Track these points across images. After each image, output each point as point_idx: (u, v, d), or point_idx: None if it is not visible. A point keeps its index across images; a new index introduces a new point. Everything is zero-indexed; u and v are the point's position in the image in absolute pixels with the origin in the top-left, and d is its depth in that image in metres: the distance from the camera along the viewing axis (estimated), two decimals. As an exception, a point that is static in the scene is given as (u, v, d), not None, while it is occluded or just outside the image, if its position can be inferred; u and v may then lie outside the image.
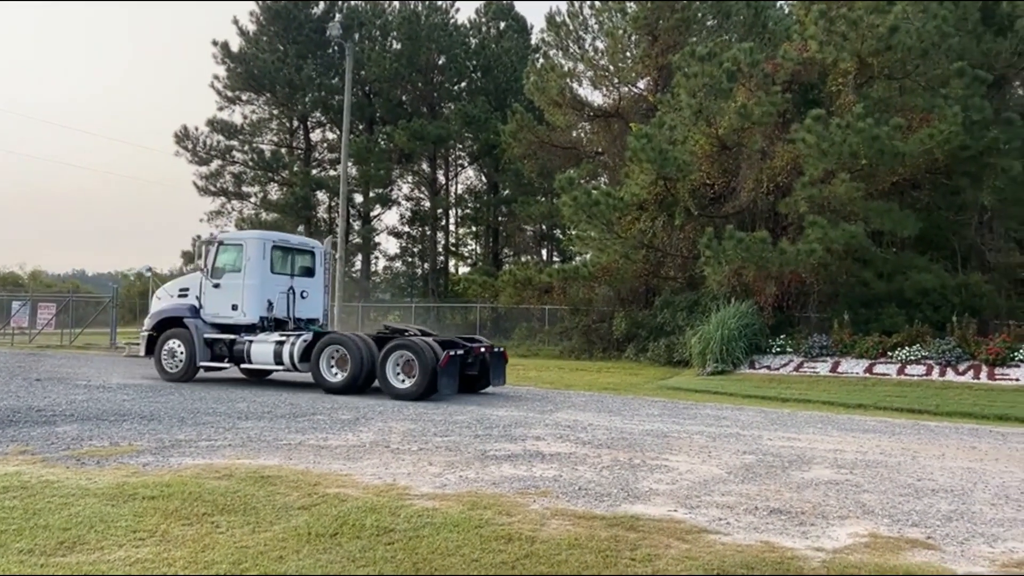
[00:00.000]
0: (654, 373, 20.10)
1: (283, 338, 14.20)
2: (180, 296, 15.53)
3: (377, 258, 46.51)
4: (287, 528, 5.11)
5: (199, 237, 17.44)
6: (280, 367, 14.12)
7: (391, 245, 53.73)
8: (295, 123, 42.55)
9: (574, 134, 32.74)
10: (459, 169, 47.02)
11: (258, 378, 16.22)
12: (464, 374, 13.72)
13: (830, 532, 5.38)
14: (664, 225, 24.35)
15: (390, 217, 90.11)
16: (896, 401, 14.81)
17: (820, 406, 14.43)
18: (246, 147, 40.39)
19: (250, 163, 40.15)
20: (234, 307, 14.81)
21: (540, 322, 30.25)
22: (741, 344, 19.43)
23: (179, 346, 14.84)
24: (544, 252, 48.11)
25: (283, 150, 42.13)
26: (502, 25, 46.43)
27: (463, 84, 42.92)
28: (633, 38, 28.70)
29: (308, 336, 14.04)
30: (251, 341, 14.38)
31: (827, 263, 20.26)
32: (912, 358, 18.26)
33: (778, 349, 19.93)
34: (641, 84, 29.58)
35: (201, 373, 15.32)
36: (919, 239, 23.96)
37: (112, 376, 15.78)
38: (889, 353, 18.68)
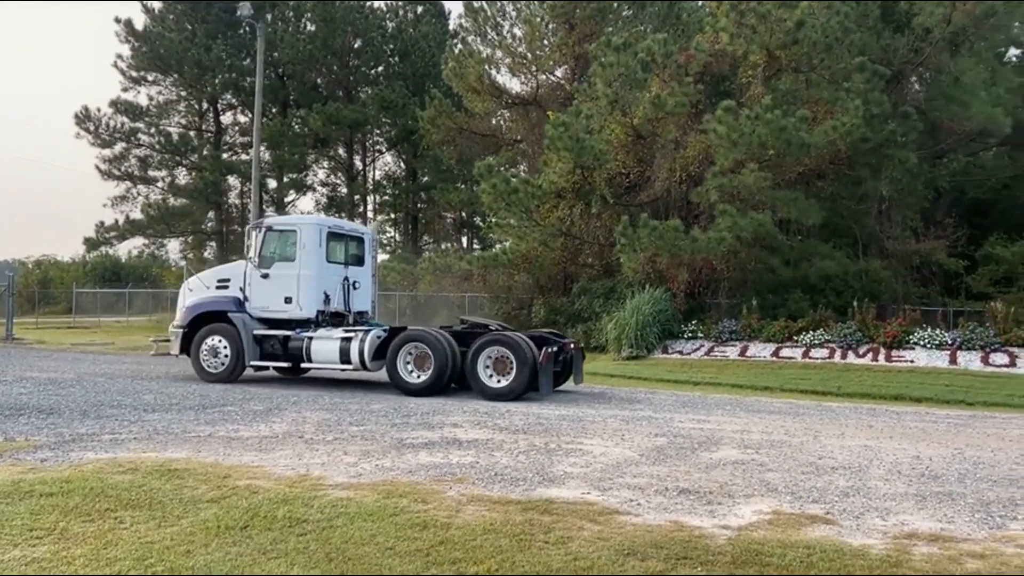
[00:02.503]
0: (571, 359, 20.33)
1: (350, 334, 12.86)
2: (220, 287, 13.94)
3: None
4: (195, 522, 4.98)
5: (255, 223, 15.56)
6: (348, 367, 12.75)
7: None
8: (204, 105, 41.11)
9: (493, 121, 32.70)
10: (377, 155, 46.42)
11: (294, 376, 14.83)
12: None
13: (736, 510, 5.57)
14: (581, 213, 24.62)
15: (305, 203, 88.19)
16: (801, 383, 15.43)
17: (729, 389, 14.92)
18: (152, 130, 38.81)
19: (157, 146, 38.63)
20: (287, 300, 13.39)
21: (460, 310, 30.21)
22: (655, 330, 19.89)
23: (222, 343, 13.35)
24: (464, 239, 48.02)
25: (192, 133, 40.67)
26: (419, 9, 45.88)
27: (380, 68, 42.30)
28: (551, 26, 28.83)
29: (380, 332, 12.88)
30: (311, 338, 12.99)
31: (736, 251, 20.89)
32: (816, 342, 19.04)
33: (690, 334, 20.47)
34: (559, 72, 29.77)
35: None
36: (823, 227, 25.01)
37: (7, 370, 15.00)
38: (794, 337, 19.42)
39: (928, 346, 18.26)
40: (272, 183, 41.55)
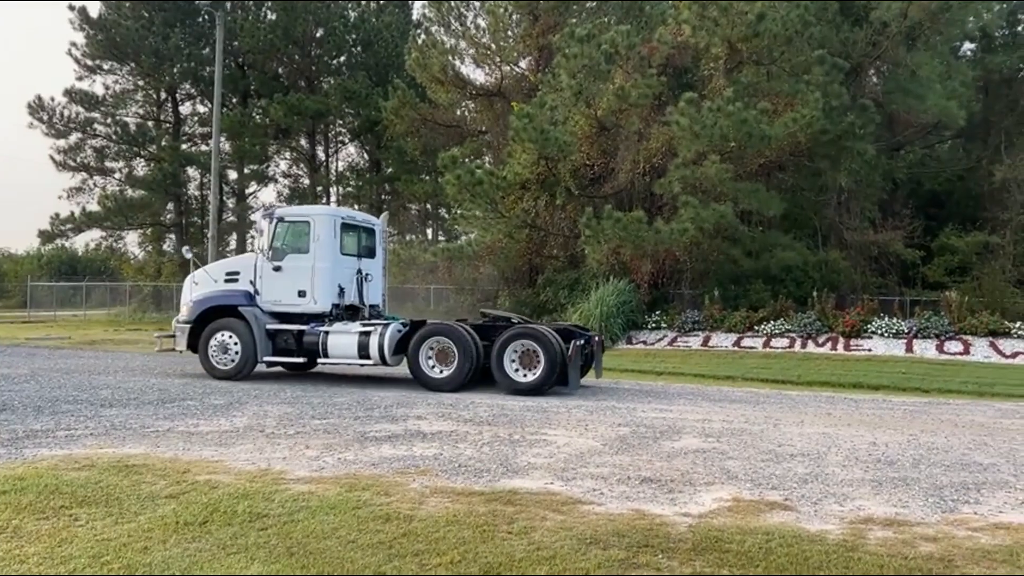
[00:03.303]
0: (536, 350, 20.38)
1: (368, 328, 12.46)
2: (228, 280, 13.37)
3: (253, 237, 44.90)
4: (153, 518, 4.91)
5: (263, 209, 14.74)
6: (367, 361, 12.36)
7: (269, 224, 52.00)
8: (162, 95, 40.34)
9: (457, 112, 32.57)
10: (340, 146, 45.98)
11: (301, 371, 14.27)
12: None
13: (697, 498, 5.64)
14: (546, 205, 24.67)
15: (267, 195, 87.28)
16: (762, 372, 15.65)
17: (692, 379, 15.08)
18: (108, 120, 38.02)
19: (113, 137, 37.86)
20: (301, 293, 12.89)
21: (425, 302, 30.11)
22: (619, 320, 20.03)
23: (232, 339, 12.83)
24: (429, 231, 47.82)
25: (150, 123, 39.93)
26: (382, -1, 45.49)
27: (342, 58, 41.85)
28: (514, 17, 28.77)
29: (399, 326, 12.48)
30: (327, 332, 12.52)
31: (699, 242, 21.11)
32: (777, 331, 19.32)
33: (653, 325, 20.66)
34: (523, 63, 29.72)
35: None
36: (783, 218, 25.34)
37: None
38: (756, 327, 19.69)
39: (885, 335, 18.63)
40: (232, 174, 40.98)
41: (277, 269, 12.99)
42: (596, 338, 13.07)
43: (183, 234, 39.84)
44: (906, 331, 18.67)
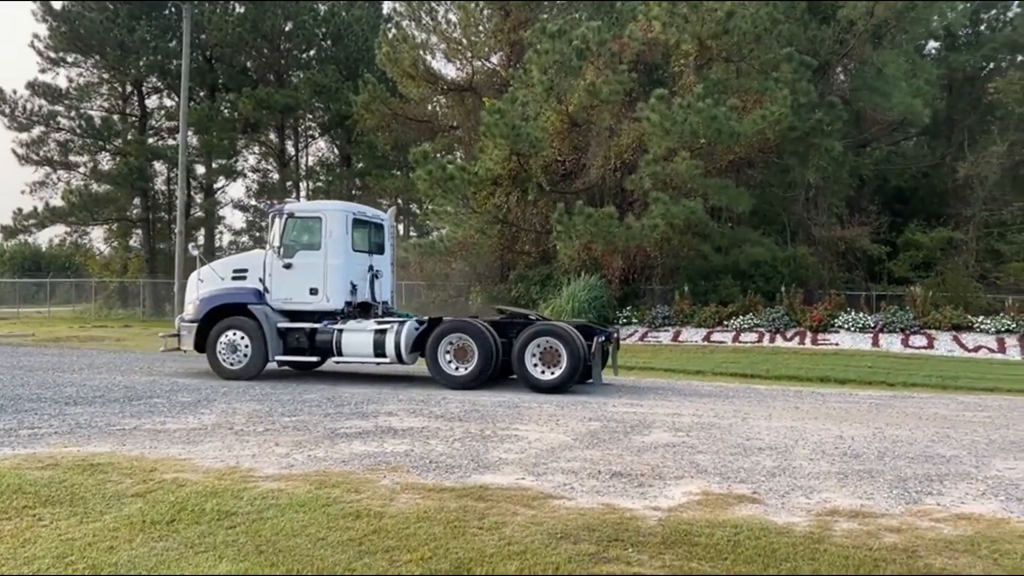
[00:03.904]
0: (508, 346, 20.41)
1: (384, 326, 12.23)
2: (236, 278, 13.03)
3: (222, 233, 44.36)
4: (119, 517, 4.84)
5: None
6: (383, 360, 12.15)
7: (237, 219, 51.51)
8: (128, 88, 39.62)
9: (429, 107, 32.41)
10: (309, 140, 45.54)
11: (305, 370, 13.97)
12: None
13: (667, 492, 5.68)
14: (518, 200, 24.68)
15: (235, 190, 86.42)
16: (731, 367, 15.80)
17: (662, 373, 15.18)
18: (73, 113, 37.25)
19: (78, 130, 37.08)
20: (313, 291, 12.60)
21: (396, 297, 29.96)
22: (591, 316, 20.07)
23: (242, 338, 12.49)
24: (400, 227, 47.57)
25: (115, 117, 39.17)
26: (352, -8, 45.10)
27: (312, 52, 41.42)
28: (486, 12, 28.71)
29: (413, 324, 12.24)
30: (341, 330, 12.26)
31: (669, 237, 21.26)
32: (746, 326, 19.53)
33: (625, 320, 20.77)
34: (494, 59, 29.67)
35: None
36: (753, 214, 25.61)
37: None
38: (725, 322, 19.89)
39: (852, 329, 18.91)
40: (200, 169, 40.41)
41: (288, 266, 12.70)
42: (615, 335, 12.96)
43: (150, 229, 39.26)
44: (872, 325, 18.96)
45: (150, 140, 38.89)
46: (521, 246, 26.24)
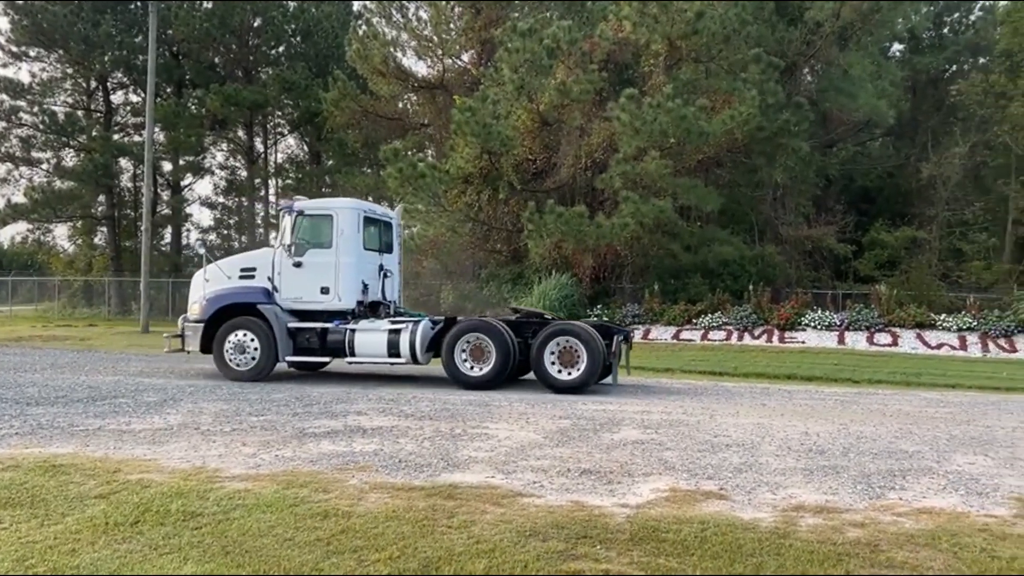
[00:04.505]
0: (479, 344, 20.40)
1: (398, 325, 12.02)
2: (243, 277, 12.72)
3: (189, 230, 43.80)
4: (81, 519, 4.76)
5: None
6: (397, 360, 11.94)
7: (204, 216, 50.88)
8: (93, 83, 38.97)
9: (399, 105, 32.30)
10: (279, 137, 45.11)
11: (311, 371, 13.77)
12: None
13: (635, 489, 5.71)
14: (489, 199, 24.66)
15: (203, 187, 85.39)
16: (700, 364, 15.94)
17: (632, 371, 15.23)
18: (36, 108, 36.55)
19: (41, 126, 36.39)
20: (324, 290, 12.35)
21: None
22: (562, 314, 20.08)
23: (250, 338, 12.22)
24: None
25: (79, 113, 38.54)
26: (322, -12, 44.71)
27: (281, 48, 41.03)
28: (457, 10, 28.64)
29: (428, 323, 12.07)
30: (353, 330, 12.03)
31: (639, 236, 21.40)
32: (714, 324, 19.71)
33: (595, 318, 20.81)
34: (465, 57, 29.64)
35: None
36: (721, 214, 25.88)
37: None
38: (694, 320, 20.06)
39: (818, 327, 19.16)
40: (167, 165, 39.85)
41: (298, 265, 12.44)
42: (631, 334, 12.89)
43: (115, 227, 38.65)
44: (838, 323, 19.23)
45: (116, 136, 38.29)
46: (492, 244, 26.23)
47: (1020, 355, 17.45)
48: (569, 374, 11.36)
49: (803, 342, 18.55)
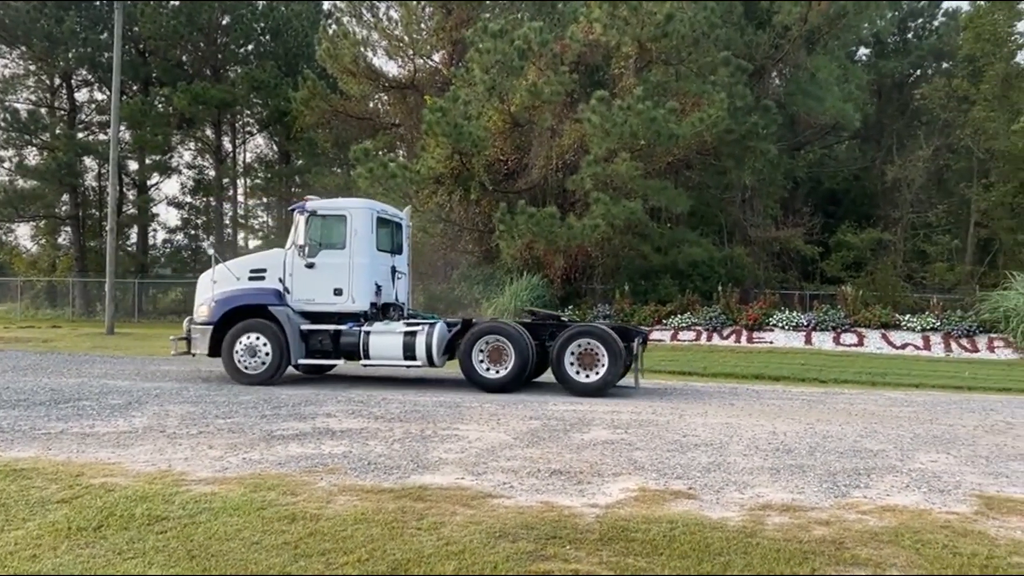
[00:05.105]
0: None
1: (413, 327, 11.85)
2: (253, 278, 12.49)
3: (155, 230, 43.20)
4: (43, 524, 4.67)
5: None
6: (413, 362, 11.76)
7: (171, 216, 50.18)
8: (56, 81, 38.27)
9: (370, 104, 32.11)
10: (247, 137, 44.68)
11: (318, 374, 13.63)
12: None
13: (604, 489, 5.74)
14: (460, 199, 24.61)
15: (170, 186, 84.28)
16: (669, 364, 16.04)
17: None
18: (-3, 106, 35.84)
19: (2, 123, 35.66)
20: (337, 292, 12.16)
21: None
22: (533, 315, 20.17)
23: (261, 341, 11.98)
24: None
25: (43, 110, 37.82)
26: (292, -14, 44.31)
27: (250, 47, 40.61)
28: (428, 10, 28.58)
29: (443, 325, 11.93)
30: (368, 332, 11.85)
31: (610, 237, 21.49)
32: (684, 325, 19.85)
33: (566, 319, 20.87)
34: (436, 57, 29.56)
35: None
36: (691, 215, 26.09)
37: None
38: (664, 320, 20.20)
39: (786, 328, 19.39)
40: (133, 165, 39.27)
41: (310, 266, 12.23)
42: (647, 336, 12.81)
43: (80, 227, 37.98)
44: (805, 324, 19.47)
45: (80, 135, 37.65)
46: (464, 245, 26.20)
47: (982, 355, 17.80)
48: (588, 376, 11.25)
49: (771, 342, 18.75)
